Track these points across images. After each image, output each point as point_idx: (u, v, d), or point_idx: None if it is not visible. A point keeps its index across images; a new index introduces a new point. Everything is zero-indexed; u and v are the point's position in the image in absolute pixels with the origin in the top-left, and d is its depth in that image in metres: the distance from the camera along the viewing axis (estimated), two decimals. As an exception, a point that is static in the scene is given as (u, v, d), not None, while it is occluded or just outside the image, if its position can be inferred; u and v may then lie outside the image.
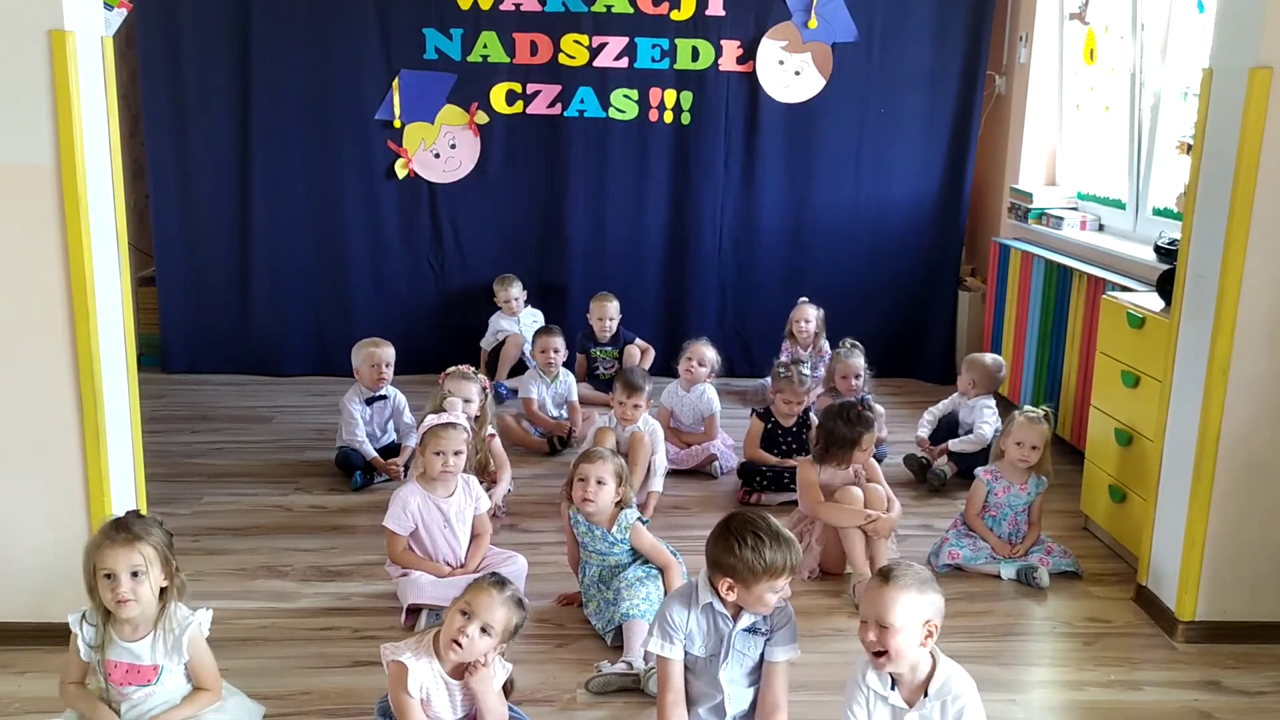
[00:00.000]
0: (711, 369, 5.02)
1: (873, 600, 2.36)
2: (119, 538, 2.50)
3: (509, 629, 2.58)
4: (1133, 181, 5.17)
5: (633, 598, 3.19)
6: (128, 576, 2.49)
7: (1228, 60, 3.18)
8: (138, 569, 2.50)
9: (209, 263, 6.06)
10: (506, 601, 2.57)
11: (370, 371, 4.67)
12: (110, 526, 2.55)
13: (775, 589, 2.52)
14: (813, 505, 3.74)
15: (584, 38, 5.91)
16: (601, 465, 3.33)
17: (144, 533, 2.53)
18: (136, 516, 2.60)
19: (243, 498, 4.40)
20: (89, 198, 3.01)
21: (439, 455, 3.45)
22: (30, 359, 3.06)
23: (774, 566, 2.50)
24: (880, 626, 2.33)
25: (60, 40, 2.89)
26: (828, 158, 6.12)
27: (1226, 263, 3.15)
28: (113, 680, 2.58)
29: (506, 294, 5.99)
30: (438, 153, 6.03)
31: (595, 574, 3.38)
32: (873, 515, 3.64)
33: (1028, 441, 3.81)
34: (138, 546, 2.50)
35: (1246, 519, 3.30)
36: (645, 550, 3.35)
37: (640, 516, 3.41)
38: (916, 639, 2.34)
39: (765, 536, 2.51)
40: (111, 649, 2.57)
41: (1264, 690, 3.10)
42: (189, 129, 5.89)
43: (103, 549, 2.50)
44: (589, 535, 3.37)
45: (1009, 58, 6.14)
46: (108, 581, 2.49)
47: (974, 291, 6.25)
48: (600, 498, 3.31)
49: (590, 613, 3.37)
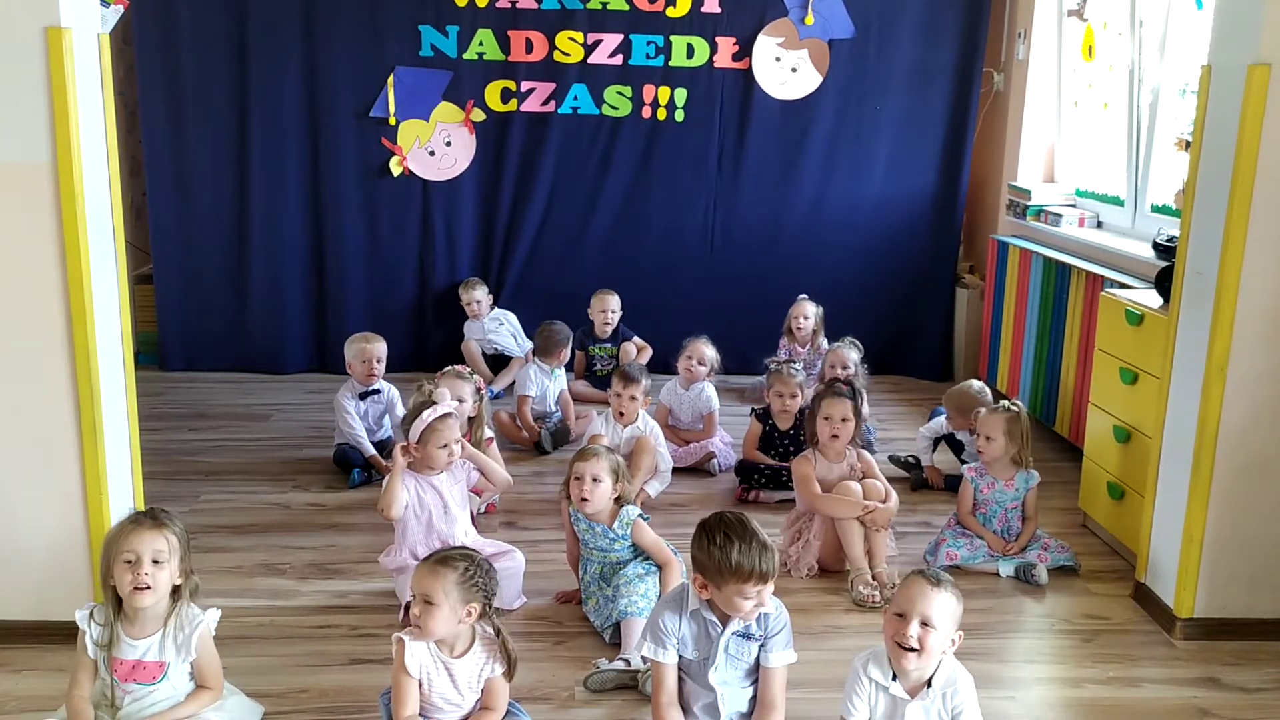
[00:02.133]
0: (711, 368, 5.02)
1: (921, 597, 2.38)
2: (146, 522, 2.57)
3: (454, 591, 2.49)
4: (1131, 178, 5.17)
5: (630, 595, 3.19)
6: (150, 561, 2.52)
7: (1226, 57, 3.18)
8: (160, 556, 2.54)
9: (206, 260, 6.06)
10: (433, 568, 2.51)
11: (361, 367, 4.67)
12: (135, 515, 2.62)
13: (745, 594, 2.46)
14: (810, 497, 3.75)
15: (579, 35, 5.91)
16: (596, 463, 3.33)
17: (169, 521, 2.59)
18: (163, 510, 2.65)
19: (240, 496, 4.40)
20: (86, 195, 3.00)
21: (444, 448, 3.46)
22: (27, 357, 3.05)
23: (740, 569, 2.44)
24: (924, 624, 2.36)
25: (57, 37, 2.88)
26: (824, 155, 6.12)
27: (1225, 259, 3.15)
28: (117, 676, 2.59)
29: (470, 296, 5.99)
30: (432, 150, 6.02)
31: (596, 571, 3.38)
32: (870, 506, 3.65)
33: (983, 431, 3.85)
34: (163, 533, 2.55)
35: (1245, 516, 3.30)
36: (646, 547, 3.35)
37: (642, 513, 3.42)
38: (946, 643, 2.40)
39: (736, 538, 2.46)
40: (118, 646, 2.59)
41: (1262, 687, 3.10)
42: (186, 126, 5.88)
43: (127, 533, 2.54)
44: (589, 532, 3.37)
45: (1007, 54, 6.14)
46: (128, 565, 2.52)
47: (972, 289, 6.25)
48: (596, 496, 3.31)
49: (589, 610, 3.36)
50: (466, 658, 2.58)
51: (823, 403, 3.85)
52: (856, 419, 3.84)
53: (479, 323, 6.02)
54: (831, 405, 3.82)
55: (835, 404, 3.82)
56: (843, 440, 3.82)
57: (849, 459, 3.85)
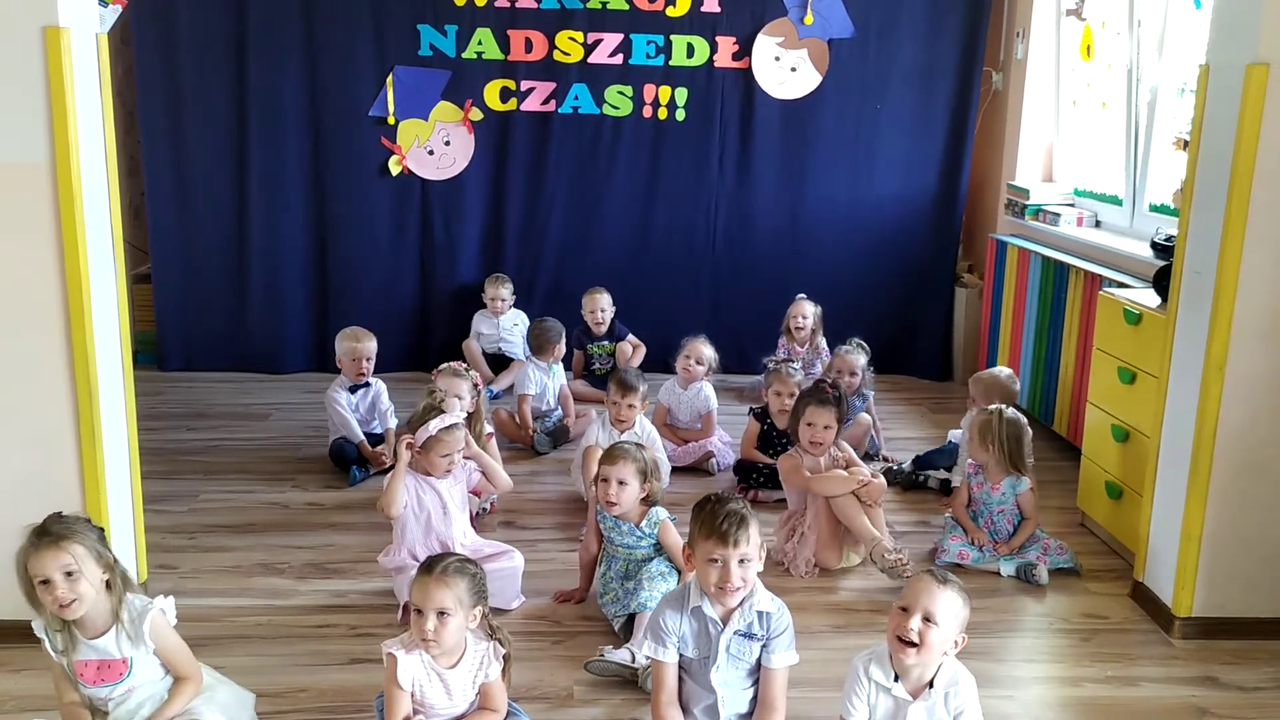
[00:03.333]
0: (709, 367, 5.02)
1: (925, 592, 2.40)
2: (43, 542, 2.45)
3: (466, 598, 2.51)
4: (1129, 177, 5.17)
5: (652, 589, 3.19)
6: (62, 578, 2.44)
7: (1224, 56, 3.18)
8: (70, 569, 2.45)
9: (205, 259, 6.05)
10: (442, 578, 2.49)
11: (352, 365, 4.72)
12: (33, 533, 2.49)
13: (711, 556, 2.49)
14: (803, 482, 3.82)
15: (579, 34, 5.91)
16: (623, 466, 3.32)
17: (67, 532, 2.47)
18: (58, 518, 2.53)
19: (239, 495, 4.39)
20: (84, 195, 3.00)
21: (446, 457, 3.47)
22: (26, 357, 3.05)
23: (705, 526, 2.51)
24: (926, 619, 2.37)
25: (55, 37, 2.88)
26: (823, 154, 6.12)
27: (1223, 259, 3.15)
28: (84, 681, 2.55)
29: (495, 292, 5.97)
30: (431, 149, 6.02)
31: (621, 568, 3.37)
32: (864, 478, 3.74)
33: (819, 423, 3.86)
34: (64, 546, 2.45)
35: (1243, 515, 3.30)
36: (667, 547, 3.35)
37: (670, 515, 3.41)
38: (948, 643, 2.41)
39: (716, 502, 2.55)
40: (78, 649, 2.54)
41: (1260, 686, 3.10)
42: (184, 126, 5.88)
43: (30, 557, 2.45)
44: (615, 530, 3.38)
45: (1006, 54, 6.14)
46: (45, 588, 2.45)
47: (971, 288, 6.25)
48: (624, 499, 3.32)
49: (605, 603, 3.36)
50: (459, 667, 2.58)
51: (806, 409, 3.88)
52: (838, 424, 3.89)
53: (495, 320, 6.01)
54: (815, 413, 3.87)
55: (818, 412, 3.86)
56: (823, 448, 3.88)
57: (831, 452, 3.93)
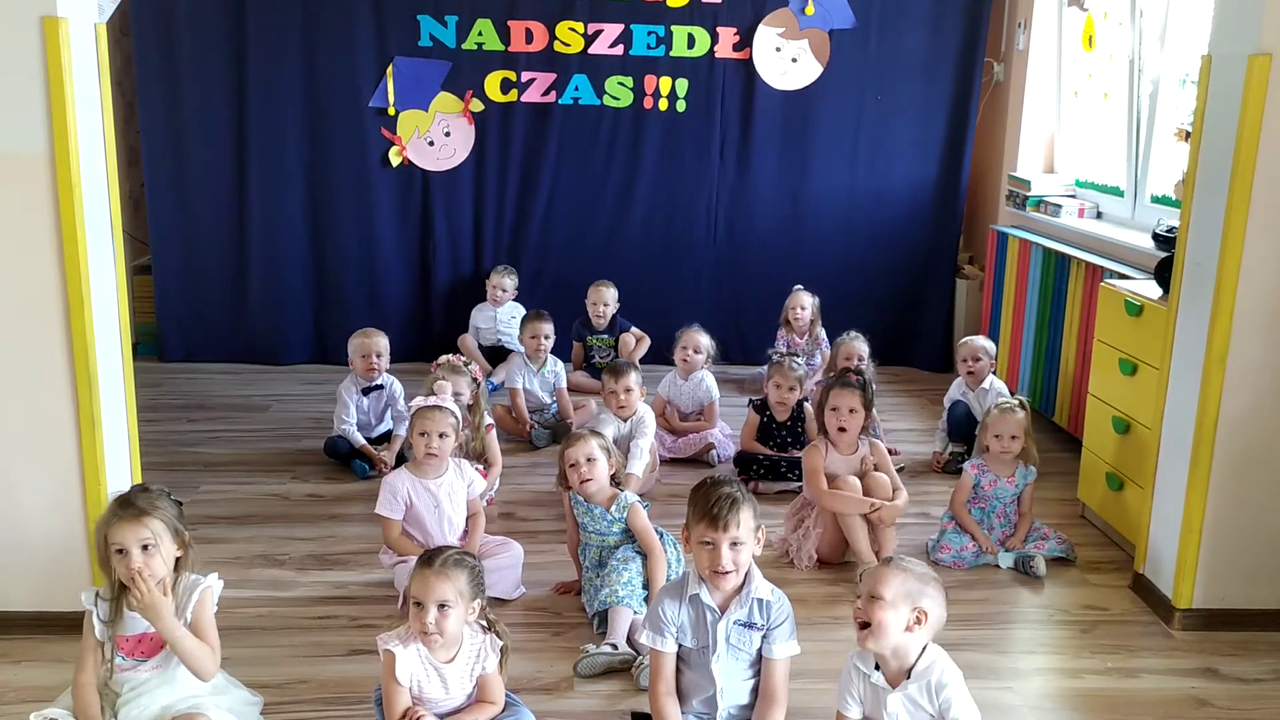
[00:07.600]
0: (707, 355, 5.00)
1: (870, 575, 2.43)
2: (126, 514, 2.54)
3: (466, 590, 2.52)
4: (1131, 168, 5.16)
5: (613, 584, 3.19)
6: (138, 551, 2.52)
7: (1227, 47, 3.17)
8: (147, 542, 2.53)
9: (205, 251, 6.05)
10: (442, 571, 2.50)
11: (361, 362, 4.66)
12: (117, 503, 2.58)
13: (703, 538, 2.51)
14: (818, 492, 3.72)
15: (579, 25, 5.89)
16: (584, 444, 3.37)
17: (150, 507, 2.56)
18: (143, 491, 2.63)
19: (239, 486, 4.39)
20: (83, 186, 2.99)
21: (423, 436, 3.47)
22: (25, 348, 3.05)
23: (698, 507, 2.53)
24: (870, 597, 2.37)
25: (53, 27, 2.87)
26: (824, 145, 6.11)
27: (1225, 250, 3.14)
28: (122, 651, 2.59)
29: (499, 281, 5.96)
30: (432, 140, 6.01)
31: (595, 556, 3.39)
32: (876, 504, 3.64)
33: (1006, 432, 3.81)
34: (145, 521, 2.53)
35: (1244, 506, 3.30)
36: (637, 531, 3.36)
37: (641, 500, 3.42)
38: (903, 621, 2.37)
39: (714, 483, 2.57)
40: (123, 623, 2.59)
41: (1261, 678, 3.10)
42: (184, 116, 5.87)
43: (111, 525, 2.53)
44: (588, 515, 3.39)
45: (1007, 44, 6.13)
46: (120, 556, 2.52)
47: (972, 279, 6.24)
48: (596, 474, 3.35)
49: (585, 598, 3.38)
50: (456, 661, 2.58)
51: (830, 393, 3.81)
52: (866, 411, 3.80)
53: (493, 312, 6.00)
54: (839, 396, 3.76)
55: (843, 394, 3.76)
56: (851, 432, 3.77)
57: (861, 449, 3.83)
